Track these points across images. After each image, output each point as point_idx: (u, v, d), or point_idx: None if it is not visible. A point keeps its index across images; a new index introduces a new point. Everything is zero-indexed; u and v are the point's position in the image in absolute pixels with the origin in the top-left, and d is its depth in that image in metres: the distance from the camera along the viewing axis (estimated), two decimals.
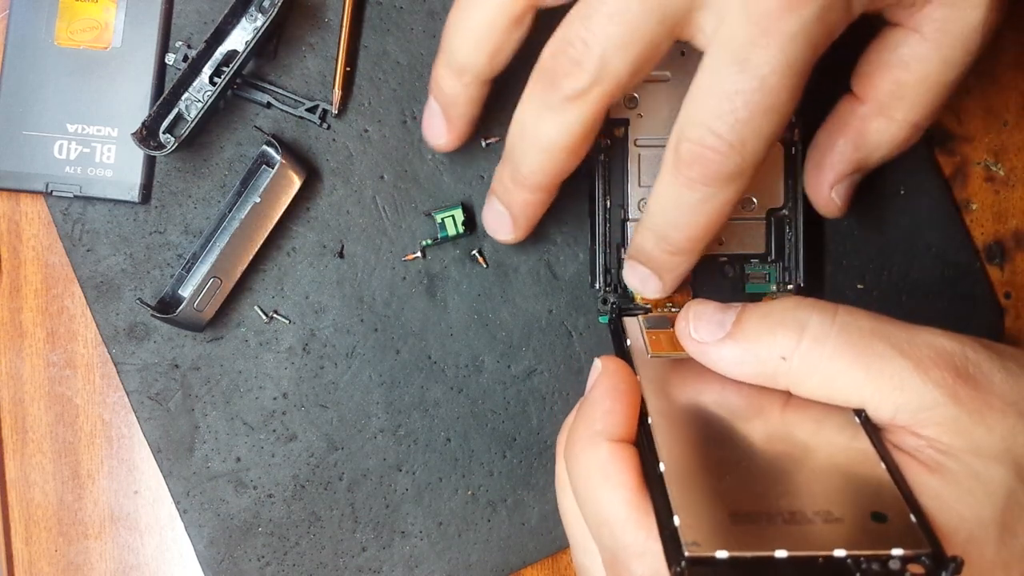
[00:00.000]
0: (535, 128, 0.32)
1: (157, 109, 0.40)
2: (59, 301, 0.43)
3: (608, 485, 0.28)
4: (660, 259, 0.34)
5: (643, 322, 0.36)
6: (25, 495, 0.43)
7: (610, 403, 0.30)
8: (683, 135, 0.30)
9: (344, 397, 0.42)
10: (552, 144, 0.32)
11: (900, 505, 0.27)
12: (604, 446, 0.29)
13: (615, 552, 0.28)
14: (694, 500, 0.27)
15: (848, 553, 0.26)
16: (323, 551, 0.42)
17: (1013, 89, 0.44)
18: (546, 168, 0.33)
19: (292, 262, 0.42)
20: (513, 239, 0.37)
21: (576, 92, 0.30)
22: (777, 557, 0.25)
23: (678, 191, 0.31)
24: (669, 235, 0.33)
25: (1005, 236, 0.44)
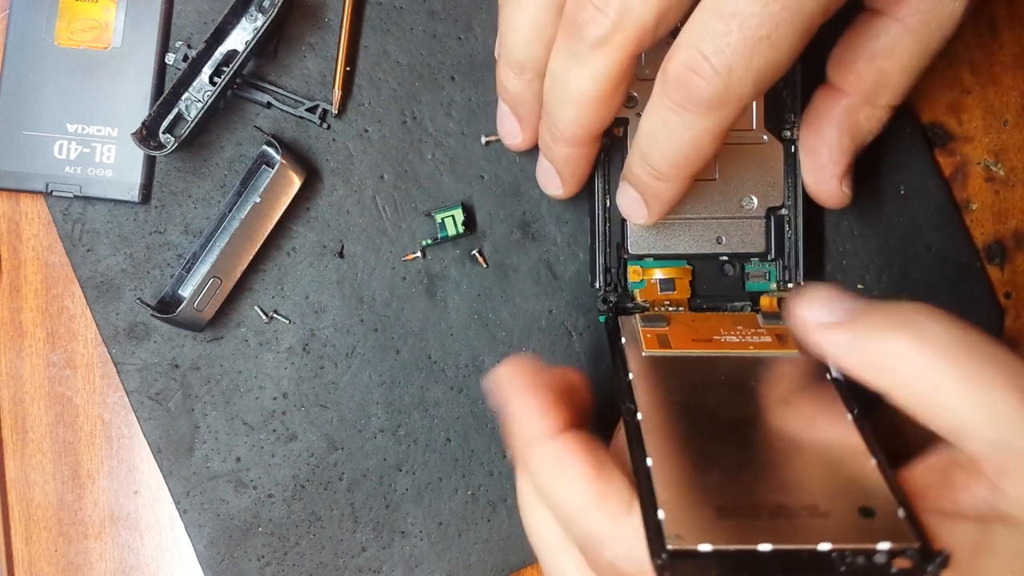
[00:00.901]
0: (565, 80, 0.32)
1: (157, 109, 0.40)
2: (59, 301, 0.43)
3: (565, 477, 0.28)
4: (646, 182, 0.34)
5: (639, 320, 0.36)
6: (25, 495, 0.43)
7: (531, 401, 0.30)
8: (672, 55, 0.30)
9: (344, 397, 0.42)
10: (582, 95, 0.32)
11: (889, 500, 0.27)
12: (550, 442, 0.29)
13: (585, 541, 0.28)
14: (680, 494, 0.27)
15: (833, 547, 0.25)
16: (323, 551, 0.42)
17: (1013, 89, 0.44)
18: (580, 120, 0.33)
19: (292, 262, 0.42)
20: (563, 194, 0.37)
21: (599, 38, 0.30)
22: (761, 551, 0.25)
23: (663, 114, 0.31)
24: (651, 157, 0.32)
25: (1005, 236, 0.44)
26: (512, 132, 0.37)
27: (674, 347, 0.34)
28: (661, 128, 0.31)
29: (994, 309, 0.43)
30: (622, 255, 0.39)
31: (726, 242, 0.39)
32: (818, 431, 0.30)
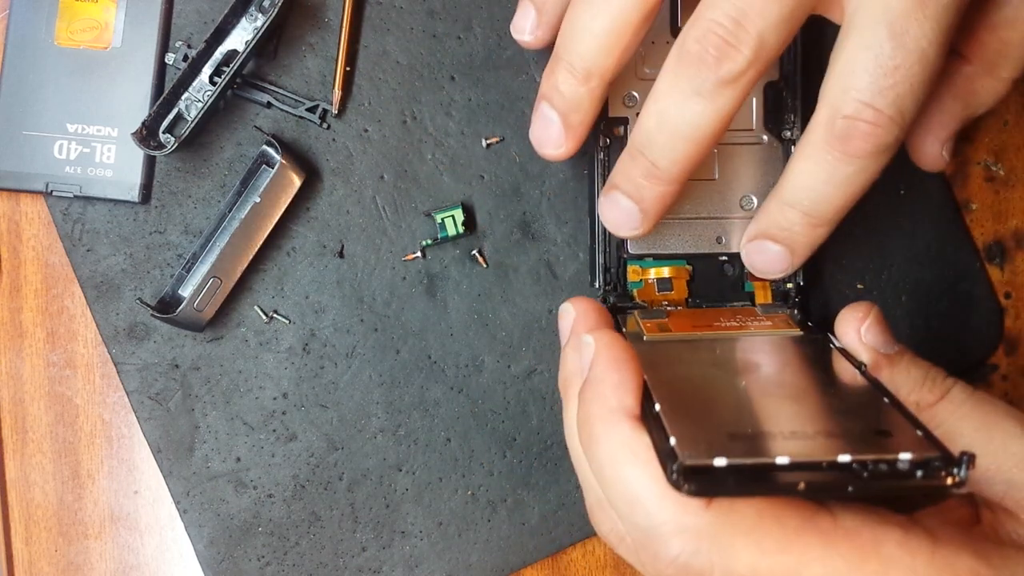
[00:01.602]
0: (680, 116, 0.30)
1: (157, 109, 0.40)
2: (59, 301, 0.43)
3: (637, 463, 0.27)
4: (802, 234, 0.33)
5: (638, 315, 0.36)
6: (25, 495, 0.43)
7: (617, 375, 0.29)
8: (839, 111, 0.29)
9: (344, 397, 0.42)
10: (701, 131, 0.30)
11: (905, 426, 0.26)
12: (625, 424, 0.28)
13: (650, 530, 0.27)
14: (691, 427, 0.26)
15: (853, 458, 0.25)
16: (323, 551, 0.42)
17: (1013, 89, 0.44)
18: (692, 157, 0.31)
19: (292, 262, 0.42)
20: (643, 233, 0.34)
21: (733, 75, 0.29)
22: (778, 463, 0.24)
23: (832, 165, 0.30)
24: (817, 209, 0.31)
25: (1005, 236, 0.44)
26: (555, 141, 0.34)
27: (675, 331, 0.34)
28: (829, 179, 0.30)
29: (994, 309, 0.43)
30: (622, 255, 0.39)
31: (726, 242, 0.39)
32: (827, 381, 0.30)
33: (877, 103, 0.28)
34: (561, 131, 0.33)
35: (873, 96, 0.28)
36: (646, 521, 0.27)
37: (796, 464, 0.25)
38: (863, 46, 0.29)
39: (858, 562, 0.25)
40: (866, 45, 0.28)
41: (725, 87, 0.29)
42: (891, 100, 0.28)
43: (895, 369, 0.31)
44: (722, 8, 0.28)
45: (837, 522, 0.26)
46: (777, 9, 0.28)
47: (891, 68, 0.28)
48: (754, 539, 0.26)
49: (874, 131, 0.29)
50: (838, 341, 0.32)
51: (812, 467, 0.25)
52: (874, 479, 0.25)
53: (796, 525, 0.26)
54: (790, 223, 0.32)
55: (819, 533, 0.26)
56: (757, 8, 0.28)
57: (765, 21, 0.28)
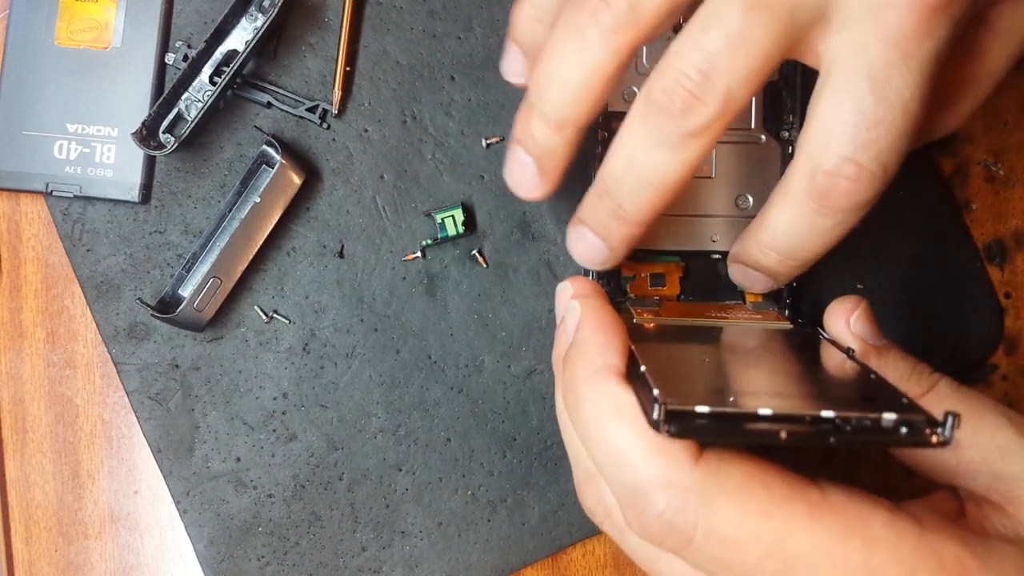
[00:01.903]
0: (646, 164, 0.30)
1: (157, 109, 0.40)
2: (59, 301, 0.43)
3: (623, 420, 0.27)
4: (782, 271, 0.33)
5: (630, 304, 0.37)
6: (25, 495, 0.43)
7: (603, 336, 0.29)
8: (819, 165, 0.29)
9: (344, 397, 0.42)
10: (665, 180, 0.30)
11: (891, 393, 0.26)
12: (611, 381, 0.28)
13: (636, 487, 0.27)
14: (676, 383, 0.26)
15: (837, 413, 0.24)
16: (323, 551, 0.42)
17: (1013, 89, 0.44)
18: (655, 204, 0.31)
19: (292, 262, 0.42)
20: (610, 266, 0.34)
21: (699, 128, 0.28)
22: (761, 414, 0.24)
23: (811, 218, 0.30)
24: (796, 255, 0.32)
25: (1005, 236, 0.44)
26: (531, 185, 0.34)
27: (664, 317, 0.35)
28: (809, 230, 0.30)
29: (994, 309, 0.43)
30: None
31: (720, 240, 0.39)
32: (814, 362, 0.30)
33: (859, 158, 0.28)
34: (536, 175, 0.33)
35: (855, 151, 0.28)
36: (632, 477, 0.27)
37: (779, 416, 0.24)
38: (844, 99, 0.28)
39: (843, 538, 0.25)
40: (847, 98, 0.28)
41: (690, 139, 0.29)
42: (873, 155, 0.28)
43: (882, 361, 0.31)
44: (690, 59, 0.28)
45: (825, 496, 0.26)
46: (746, 63, 0.27)
47: (873, 122, 0.28)
48: (740, 500, 0.26)
49: (855, 187, 0.29)
50: (827, 333, 0.33)
51: (795, 419, 0.25)
52: (857, 433, 0.24)
53: (784, 493, 0.26)
54: (768, 261, 0.33)
55: (807, 504, 0.26)
56: (726, 61, 0.27)
57: (734, 75, 0.28)
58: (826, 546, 0.25)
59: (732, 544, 0.25)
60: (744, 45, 0.27)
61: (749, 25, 0.27)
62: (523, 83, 0.35)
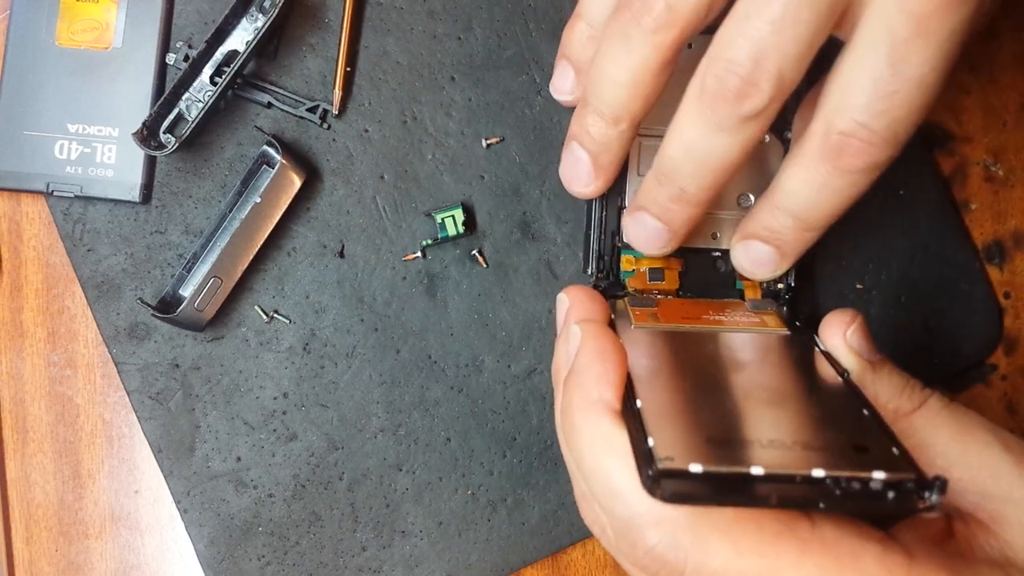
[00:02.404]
0: (706, 148, 0.31)
1: (158, 109, 0.40)
2: (60, 301, 0.43)
3: (616, 455, 0.28)
4: (791, 237, 0.34)
5: (628, 301, 0.37)
6: (25, 495, 0.43)
7: (600, 367, 0.29)
8: (833, 126, 0.29)
9: (344, 397, 0.42)
10: (726, 162, 0.31)
11: (883, 441, 0.27)
12: (605, 418, 0.28)
13: (629, 520, 0.27)
14: (670, 428, 0.27)
15: (827, 473, 0.25)
16: (323, 551, 0.42)
17: (1012, 89, 0.44)
18: (717, 184, 0.32)
19: (292, 262, 0.42)
20: (670, 251, 0.36)
21: (756, 111, 0.29)
22: (753, 474, 0.25)
23: (824, 177, 0.31)
24: (808, 216, 0.32)
25: (1004, 236, 0.44)
26: (585, 179, 0.35)
27: (663, 322, 0.35)
28: (821, 189, 0.31)
29: (994, 309, 0.43)
30: (616, 243, 0.39)
31: (720, 238, 0.39)
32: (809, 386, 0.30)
33: (872, 124, 0.29)
34: (591, 170, 0.35)
35: (869, 117, 0.29)
36: (625, 511, 0.27)
37: (771, 476, 0.25)
38: (863, 66, 0.29)
39: (834, 573, 0.25)
40: (866, 66, 0.29)
41: (747, 123, 0.30)
42: (886, 123, 0.29)
43: (876, 375, 0.31)
44: (739, 47, 0.29)
45: (816, 531, 0.26)
46: (795, 46, 0.28)
47: (889, 92, 0.28)
48: (731, 538, 0.26)
49: (867, 149, 0.29)
50: (823, 344, 0.33)
51: (786, 479, 0.25)
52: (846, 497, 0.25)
53: (774, 530, 0.26)
54: (780, 226, 0.33)
55: (796, 540, 0.26)
56: (774, 45, 0.28)
57: (784, 58, 0.28)
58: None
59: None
60: (789, 28, 0.28)
61: (792, 7, 0.28)
62: (571, 101, 0.36)
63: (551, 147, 0.42)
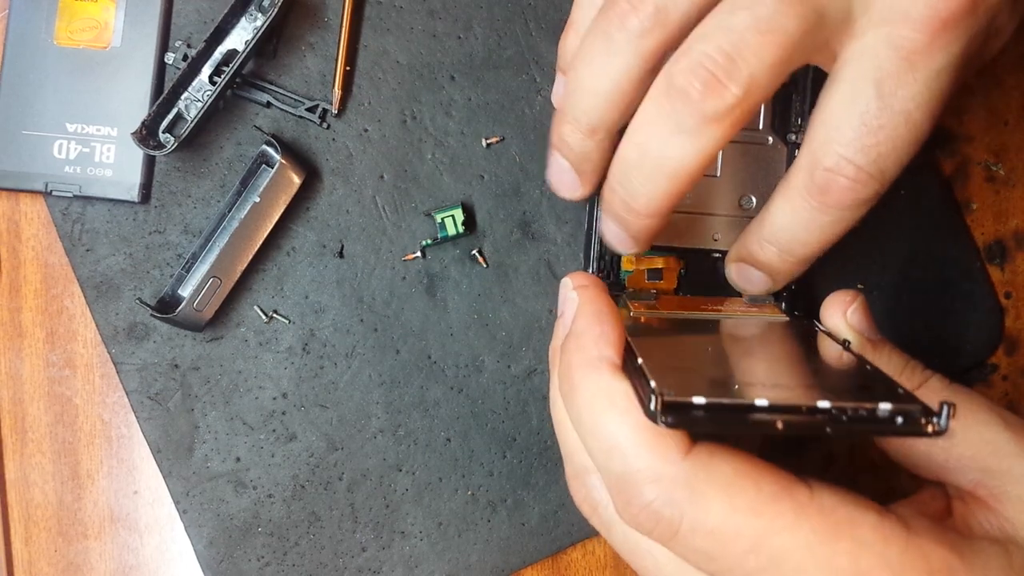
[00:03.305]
0: (661, 152, 0.29)
1: (157, 109, 0.40)
2: (59, 301, 0.42)
3: (616, 411, 0.27)
4: (779, 267, 0.33)
5: (627, 296, 0.37)
6: (25, 495, 0.43)
7: (599, 327, 0.29)
8: (819, 162, 0.29)
9: (344, 397, 0.42)
10: (681, 170, 0.29)
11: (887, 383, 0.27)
12: (605, 372, 0.28)
13: (625, 476, 0.27)
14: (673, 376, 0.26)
15: (833, 404, 0.24)
16: (323, 551, 0.42)
17: (1014, 89, 0.44)
18: (670, 195, 0.30)
19: (292, 262, 0.42)
20: (638, 251, 0.34)
21: (719, 113, 0.28)
22: (757, 405, 0.24)
23: (810, 213, 0.30)
24: (795, 250, 0.32)
25: (1005, 236, 0.44)
26: (571, 186, 0.34)
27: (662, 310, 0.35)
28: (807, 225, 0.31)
29: (994, 309, 0.43)
30: None
31: (721, 239, 0.39)
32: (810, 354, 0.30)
33: (858, 160, 0.28)
34: (575, 178, 0.34)
35: (855, 153, 0.28)
36: (623, 467, 0.27)
37: (775, 407, 0.24)
38: (850, 100, 0.28)
39: (830, 539, 0.25)
40: (853, 101, 0.28)
41: (709, 125, 0.28)
42: (872, 159, 0.28)
43: (877, 355, 0.31)
44: (715, 41, 0.27)
45: (814, 497, 0.26)
46: (773, 51, 0.27)
47: (875, 127, 0.28)
48: (728, 495, 0.26)
49: (853, 187, 0.29)
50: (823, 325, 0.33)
51: (791, 410, 0.25)
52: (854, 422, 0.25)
53: (772, 491, 0.26)
54: (767, 258, 0.33)
55: (794, 503, 0.26)
56: (753, 46, 0.27)
57: (760, 62, 0.27)
58: (812, 546, 0.25)
59: (717, 538, 0.26)
60: (773, 31, 0.27)
61: (781, 12, 0.27)
62: None
63: None
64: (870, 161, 0.28)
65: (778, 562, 0.25)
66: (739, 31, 0.27)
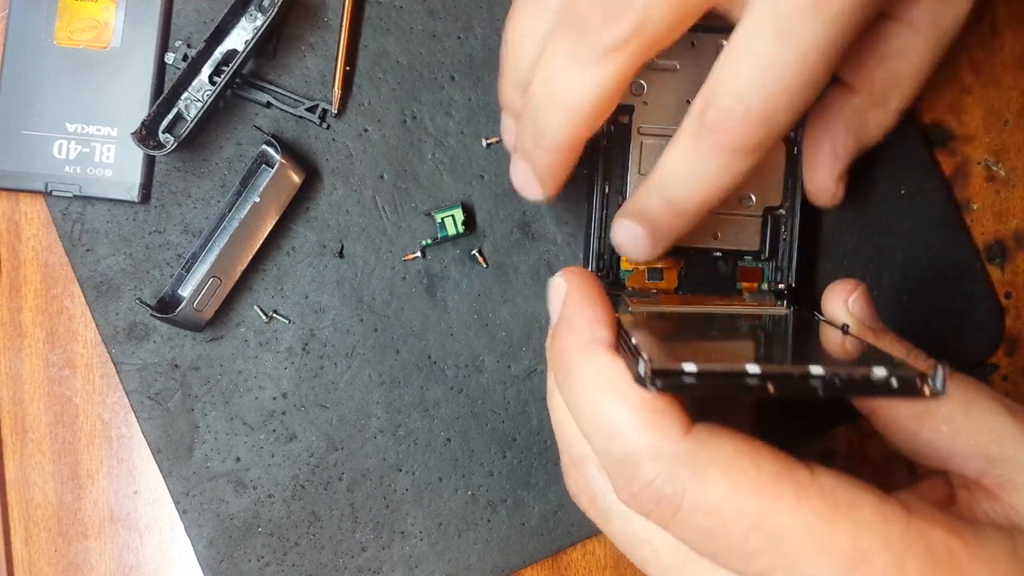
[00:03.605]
0: (563, 84, 0.30)
1: (156, 109, 0.40)
2: (59, 301, 0.42)
3: (614, 391, 0.27)
4: (661, 220, 0.33)
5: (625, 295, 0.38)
6: (25, 495, 0.43)
7: (591, 310, 0.29)
8: (711, 100, 0.29)
9: (344, 397, 0.42)
10: (582, 102, 0.30)
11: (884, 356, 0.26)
12: (601, 353, 0.28)
13: (626, 457, 0.26)
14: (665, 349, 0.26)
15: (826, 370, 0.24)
16: (323, 551, 0.42)
17: (1014, 89, 0.44)
18: (575, 128, 0.31)
19: (292, 262, 0.42)
20: (543, 198, 0.35)
21: (614, 44, 0.28)
22: (749, 371, 0.24)
23: (698, 157, 0.30)
24: (679, 198, 0.32)
25: (1006, 236, 0.44)
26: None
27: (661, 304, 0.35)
28: (695, 170, 0.30)
29: (994, 309, 0.43)
30: None
31: (721, 238, 0.39)
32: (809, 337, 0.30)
33: (749, 99, 0.28)
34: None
35: (746, 92, 0.28)
36: (623, 448, 0.27)
37: (768, 374, 0.24)
38: (748, 42, 0.28)
39: (830, 519, 0.25)
40: (750, 39, 0.28)
41: (606, 56, 0.28)
42: (762, 98, 0.28)
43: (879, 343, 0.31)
44: None
45: (814, 479, 0.26)
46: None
47: (768, 66, 0.28)
48: (729, 474, 0.26)
49: (741, 127, 0.29)
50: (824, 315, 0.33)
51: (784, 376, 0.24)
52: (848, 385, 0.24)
53: (773, 471, 0.26)
54: (653, 209, 0.33)
55: (794, 484, 0.26)
56: None
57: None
58: (812, 526, 0.25)
59: (718, 516, 0.25)
60: None
61: None
62: None
63: None
64: (760, 101, 0.28)
65: (778, 541, 0.25)
66: None
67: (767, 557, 0.25)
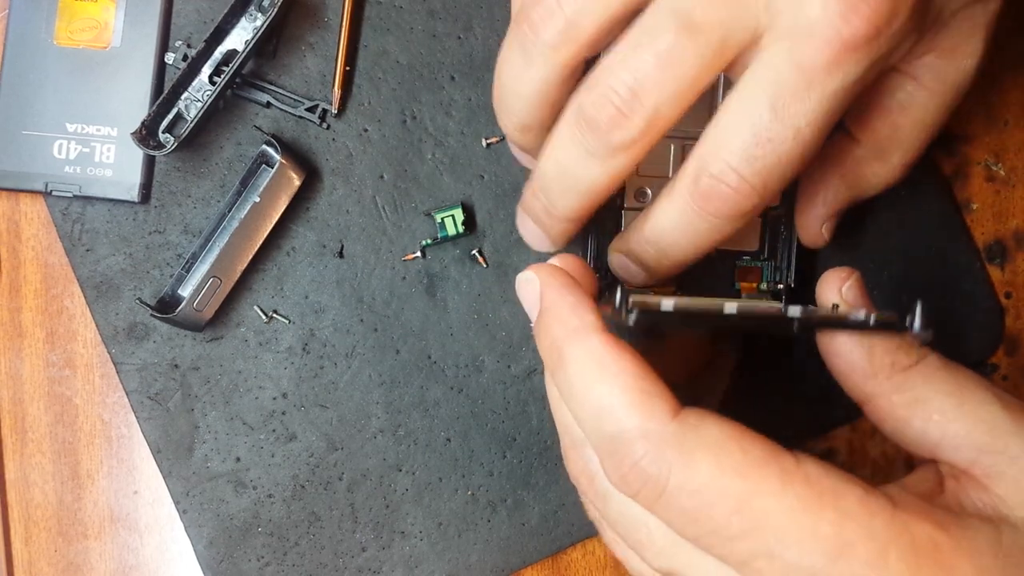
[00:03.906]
0: (575, 172, 0.31)
1: (156, 109, 0.40)
2: (59, 301, 0.42)
3: (606, 375, 0.27)
4: (657, 268, 0.34)
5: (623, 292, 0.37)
6: (25, 495, 0.43)
7: (572, 297, 0.29)
8: (705, 167, 0.30)
9: (344, 397, 0.42)
10: (594, 188, 0.31)
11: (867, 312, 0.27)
12: (594, 337, 0.28)
13: (615, 436, 0.27)
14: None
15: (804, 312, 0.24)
16: (323, 551, 0.42)
17: (1014, 89, 0.44)
18: (586, 206, 0.33)
19: (292, 262, 0.42)
20: (557, 250, 0.36)
21: (625, 143, 0.30)
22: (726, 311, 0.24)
23: (689, 217, 0.31)
24: (670, 253, 0.33)
25: (1006, 236, 0.44)
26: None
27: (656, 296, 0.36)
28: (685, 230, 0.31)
29: (994, 309, 0.43)
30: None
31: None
32: None
33: (742, 170, 0.29)
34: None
35: (740, 163, 0.29)
36: (613, 428, 0.27)
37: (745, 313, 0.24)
38: (743, 110, 0.29)
39: (814, 507, 0.25)
40: (746, 110, 0.29)
41: (616, 152, 0.30)
42: (757, 170, 0.29)
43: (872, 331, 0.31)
44: (619, 76, 0.29)
45: (800, 466, 0.26)
46: (674, 84, 0.28)
47: (764, 139, 0.28)
48: (715, 456, 0.26)
49: (734, 196, 0.29)
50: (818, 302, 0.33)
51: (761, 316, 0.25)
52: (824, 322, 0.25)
53: (759, 455, 0.26)
54: (644, 255, 0.34)
55: (780, 470, 0.26)
56: (654, 80, 0.28)
57: (661, 94, 0.29)
58: (796, 511, 0.25)
59: (702, 498, 0.26)
60: (673, 66, 0.28)
61: (680, 46, 0.28)
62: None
63: None
64: (754, 172, 0.29)
65: (761, 526, 0.25)
66: (641, 68, 0.28)
67: (749, 541, 0.25)
